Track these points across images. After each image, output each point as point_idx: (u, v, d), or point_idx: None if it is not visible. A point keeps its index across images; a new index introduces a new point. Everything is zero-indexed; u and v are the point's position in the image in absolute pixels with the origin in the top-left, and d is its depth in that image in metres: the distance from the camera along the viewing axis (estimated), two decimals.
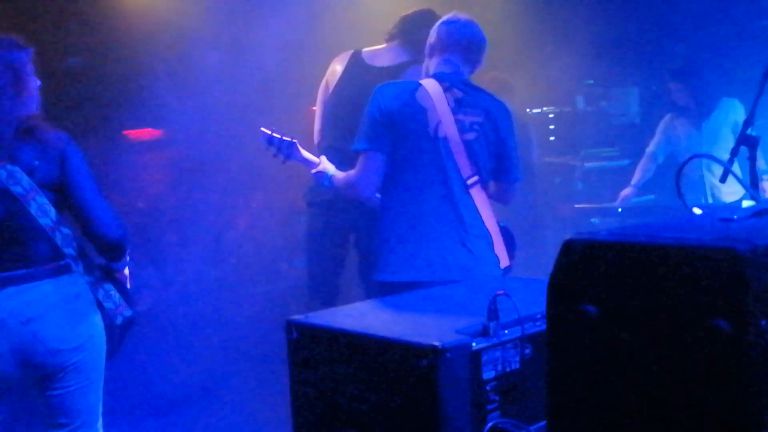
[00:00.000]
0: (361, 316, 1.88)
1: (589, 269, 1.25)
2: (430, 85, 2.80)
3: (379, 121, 2.75)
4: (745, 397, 1.10)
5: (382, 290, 2.71)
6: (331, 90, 3.65)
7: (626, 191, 4.75)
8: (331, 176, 3.00)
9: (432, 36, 2.93)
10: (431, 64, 2.92)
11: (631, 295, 1.20)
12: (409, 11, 3.61)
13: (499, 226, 2.89)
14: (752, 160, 2.75)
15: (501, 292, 1.66)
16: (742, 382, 1.09)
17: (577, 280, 1.27)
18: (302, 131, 3.38)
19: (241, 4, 5.29)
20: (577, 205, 4.97)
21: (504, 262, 2.88)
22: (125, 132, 6.01)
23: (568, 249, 1.28)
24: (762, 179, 3.97)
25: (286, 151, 3.08)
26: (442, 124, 2.75)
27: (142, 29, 5.41)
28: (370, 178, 2.80)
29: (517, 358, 1.66)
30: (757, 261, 1.08)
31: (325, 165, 3.04)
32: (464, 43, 2.86)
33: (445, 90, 2.79)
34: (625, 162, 5.51)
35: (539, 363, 1.66)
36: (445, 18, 2.94)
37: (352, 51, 3.67)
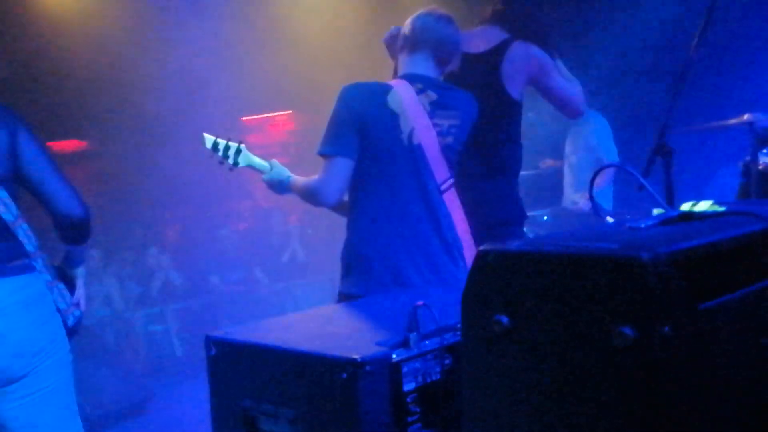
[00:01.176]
0: (284, 330, 1.85)
1: (502, 279, 1.26)
2: (402, 87, 2.63)
3: (347, 125, 2.57)
4: (650, 402, 1.12)
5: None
6: None
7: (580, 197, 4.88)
8: (288, 182, 2.82)
9: (406, 27, 2.74)
10: (402, 61, 2.75)
11: (541, 304, 1.21)
12: None
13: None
14: (668, 169, 2.85)
15: (421, 302, 1.66)
16: (647, 388, 1.11)
17: (490, 291, 1.28)
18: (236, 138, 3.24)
19: (167, 13, 5.20)
20: None
21: None
22: (49, 143, 5.83)
23: (481, 259, 1.29)
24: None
25: (234, 156, 2.87)
26: (416, 130, 2.60)
27: (66, 39, 5.27)
28: (334, 184, 2.60)
29: (438, 369, 1.66)
30: (660, 268, 1.11)
31: (279, 170, 2.86)
32: (437, 42, 2.69)
33: (419, 92, 2.63)
34: (552, 170, 5.64)
35: (460, 373, 1.66)
36: (423, 10, 2.75)
37: None
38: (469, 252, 2.75)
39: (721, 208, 1.67)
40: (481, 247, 1.29)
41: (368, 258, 2.61)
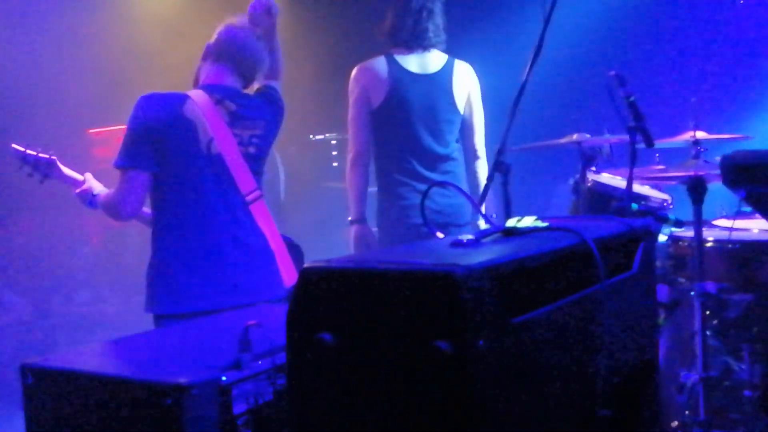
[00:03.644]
0: (107, 354, 1.76)
1: (326, 297, 1.25)
2: (200, 97, 2.62)
3: (142, 136, 2.54)
4: (467, 415, 1.14)
5: (160, 324, 2.53)
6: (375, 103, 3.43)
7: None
8: (96, 196, 2.77)
9: (213, 37, 2.75)
10: (203, 70, 2.76)
11: (363, 322, 1.21)
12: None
13: (286, 240, 2.77)
14: (505, 185, 2.97)
15: (253, 322, 1.62)
16: (463, 401, 1.14)
17: (314, 308, 1.26)
18: (65, 150, 3.09)
19: None
20: None
21: (291, 280, 2.73)
22: None
23: (304, 277, 1.27)
24: None
25: (44, 169, 2.82)
26: (216, 140, 2.59)
27: None
28: (129, 197, 2.58)
29: (270, 390, 1.63)
30: (473, 283, 1.14)
31: (92, 183, 2.80)
32: (241, 56, 2.72)
33: (217, 103, 2.62)
34: None
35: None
36: (231, 22, 2.76)
37: (383, 56, 3.47)
38: (284, 263, 2.74)
39: (544, 224, 1.75)
40: (305, 265, 1.28)
41: (172, 273, 2.57)
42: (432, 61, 3.46)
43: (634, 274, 1.70)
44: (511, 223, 1.77)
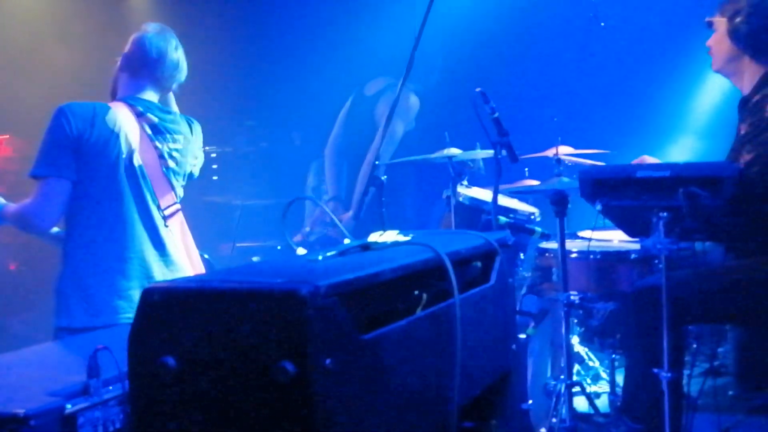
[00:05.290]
0: None
1: (169, 319, 1.21)
2: (121, 109, 2.58)
3: (63, 145, 2.46)
4: None
5: (59, 336, 2.44)
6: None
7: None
8: (2, 210, 2.61)
9: (130, 47, 2.67)
10: (121, 82, 2.69)
11: (207, 344, 1.17)
12: None
13: (201, 258, 2.76)
14: (378, 198, 2.99)
15: (101, 346, 1.54)
16: (308, 422, 1.11)
17: (156, 331, 1.21)
18: None
19: None
20: (238, 244, 4.99)
21: None
22: None
23: (146, 298, 1.22)
24: None
25: None
26: (137, 152, 2.56)
27: None
28: (48, 207, 2.48)
29: (121, 417, 1.55)
30: (319, 301, 1.12)
31: None
32: (156, 67, 2.65)
33: (139, 116, 2.60)
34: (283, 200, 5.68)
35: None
36: (148, 30, 2.68)
37: None
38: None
39: (406, 238, 1.76)
40: (147, 286, 1.22)
41: (89, 286, 2.51)
42: None
43: (492, 285, 1.73)
44: (373, 237, 1.77)
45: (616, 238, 3.19)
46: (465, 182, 3.24)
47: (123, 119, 2.56)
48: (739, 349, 2.89)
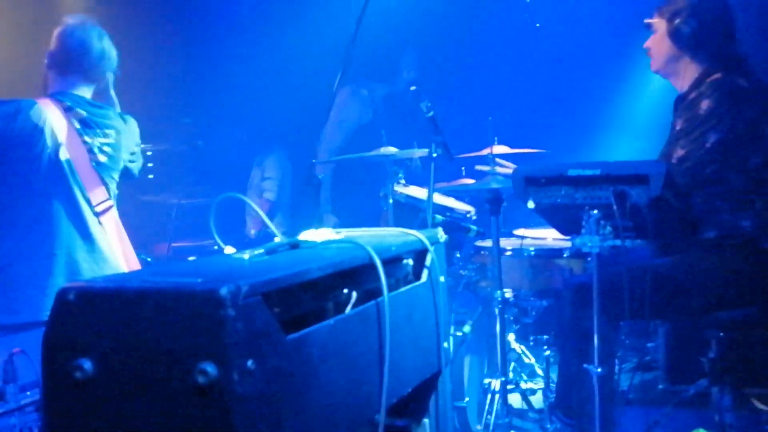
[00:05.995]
0: None
1: (85, 319, 1.16)
2: (48, 105, 2.54)
3: None
4: None
5: None
6: None
7: None
8: None
9: (54, 42, 2.63)
10: (50, 78, 2.65)
11: (126, 345, 1.13)
12: None
13: (144, 261, 2.73)
14: (315, 198, 2.96)
15: (17, 350, 1.48)
16: (229, 425, 1.08)
17: (72, 333, 1.16)
18: None
19: None
20: (174, 244, 4.88)
21: None
22: None
23: (61, 298, 1.17)
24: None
25: None
26: (64, 147, 2.52)
27: None
28: None
29: (39, 423, 1.50)
30: (239, 301, 1.09)
31: None
32: (83, 60, 2.62)
33: (67, 110, 2.55)
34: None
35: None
36: (72, 24, 2.63)
37: None
38: None
39: (338, 236, 1.74)
40: (63, 286, 1.18)
41: (12, 281, 2.46)
42: None
43: (424, 284, 1.72)
44: (304, 236, 1.74)
45: (550, 236, 3.24)
46: (402, 180, 3.24)
47: (49, 114, 2.52)
48: (668, 344, 2.96)
